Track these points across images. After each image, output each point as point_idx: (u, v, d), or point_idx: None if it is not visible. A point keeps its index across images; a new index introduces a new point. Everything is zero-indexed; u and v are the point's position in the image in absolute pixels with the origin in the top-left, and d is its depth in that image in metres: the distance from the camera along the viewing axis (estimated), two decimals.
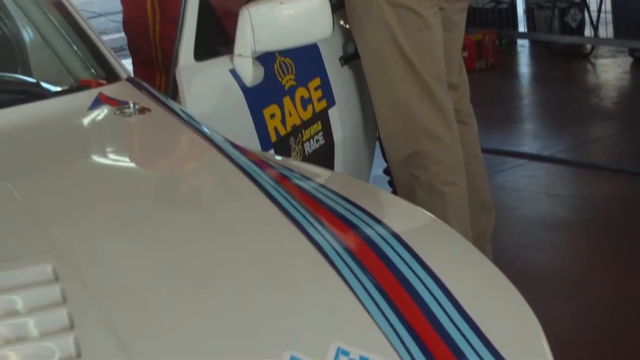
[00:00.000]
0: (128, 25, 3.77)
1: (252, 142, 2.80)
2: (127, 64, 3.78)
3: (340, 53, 3.46)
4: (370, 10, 3.32)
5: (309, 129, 3.13)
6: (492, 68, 7.36)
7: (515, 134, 5.89)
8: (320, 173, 2.19)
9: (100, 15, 10.56)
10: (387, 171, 3.84)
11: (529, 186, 4.89)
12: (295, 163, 2.54)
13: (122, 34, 3.90)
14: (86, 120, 2.28)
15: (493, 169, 4.96)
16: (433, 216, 1.90)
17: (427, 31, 3.33)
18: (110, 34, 9.55)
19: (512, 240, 4.17)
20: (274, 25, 2.76)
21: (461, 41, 3.65)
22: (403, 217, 1.92)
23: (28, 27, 2.89)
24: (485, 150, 4.68)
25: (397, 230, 1.73)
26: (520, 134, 5.92)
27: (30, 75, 2.77)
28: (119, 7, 3.80)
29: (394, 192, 3.66)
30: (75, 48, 2.61)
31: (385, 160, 3.65)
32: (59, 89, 2.42)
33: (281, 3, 2.78)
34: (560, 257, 4.06)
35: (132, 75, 2.59)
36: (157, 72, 3.62)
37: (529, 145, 5.57)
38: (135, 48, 3.72)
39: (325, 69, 3.30)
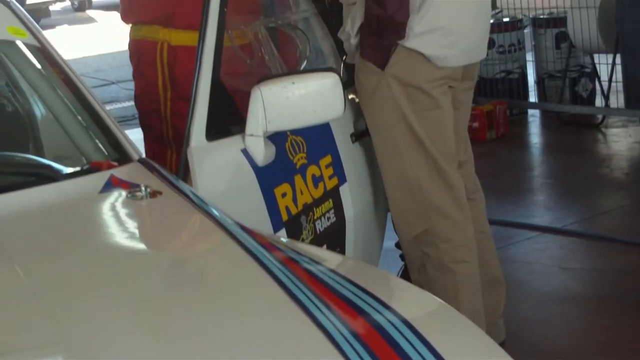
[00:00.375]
0: (139, 100, 3.79)
1: (264, 222, 2.80)
2: (138, 132, 3.81)
3: (351, 130, 3.45)
4: (380, 89, 3.32)
5: (320, 207, 3.12)
6: (503, 138, 7.36)
7: (526, 205, 5.85)
8: (328, 257, 2.20)
9: (112, 83, 10.65)
10: (398, 245, 3.84)
11: (541, 259, 4.85)
12: (303, 246, 2.54)
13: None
14: (97, 205, 2.29)
15: (504, 241, 4.94)
16: (442, 301, 1.90)
17: (437, 110, 3.34)
18: (122, 102, 9.62)
19: (524, 315, 4.13)
20: (286, 105, 2.76)
21: (467, 119, 3.67)
22: (412, 303, 1.92)
23: (41, 106, 2.91)
24: (495, 222, 4.67)
25: (406, 316, 1.74)
26: (531, 205, 5.88)
27: (42, 155, 2.79)
28: (131, 75, 3.83)
29: (405, 266, 3.66)
30: (87, 128, 2.63)
31: (397, 234, 3.64)
32: (70, 170, 2.43)
33: (293, 83, 2.78)
34: (573, 332, 4.02)
35: (143, 154, 2.60)
36: (168, 149, 3.64)
37: (541, 217, 5.54)
38: (146, 124, 3.74)
39: (336, 146, 3.29)
